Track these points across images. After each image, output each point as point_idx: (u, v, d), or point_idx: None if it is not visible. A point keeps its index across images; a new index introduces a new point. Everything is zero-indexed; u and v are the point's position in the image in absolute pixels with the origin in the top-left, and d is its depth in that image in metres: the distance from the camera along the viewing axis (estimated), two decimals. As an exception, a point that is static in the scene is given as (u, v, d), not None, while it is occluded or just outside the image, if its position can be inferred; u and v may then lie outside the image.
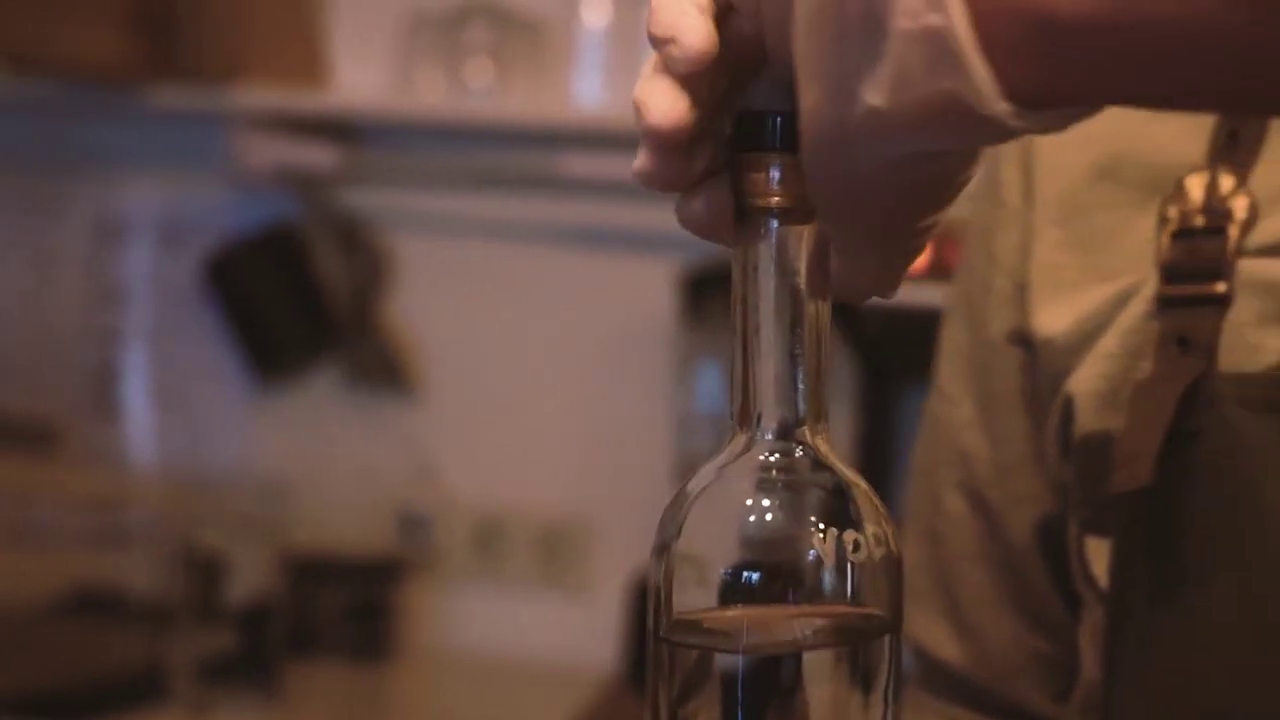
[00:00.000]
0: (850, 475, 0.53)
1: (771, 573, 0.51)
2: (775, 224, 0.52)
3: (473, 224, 2.38)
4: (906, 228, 0.51)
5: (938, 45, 0.46)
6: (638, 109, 0.52)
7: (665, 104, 0.51)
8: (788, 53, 0.50)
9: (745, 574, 0.51)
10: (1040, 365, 0.70)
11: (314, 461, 2.42)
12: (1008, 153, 0.73)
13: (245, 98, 2.26)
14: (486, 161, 2.33)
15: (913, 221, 0.51)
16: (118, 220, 2.52)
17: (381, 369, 2.40)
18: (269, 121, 2.30)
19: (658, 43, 0.52)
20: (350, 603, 2.33)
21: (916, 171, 0.49)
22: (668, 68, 0.52)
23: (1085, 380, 0.68)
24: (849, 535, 0.51)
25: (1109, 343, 0.67)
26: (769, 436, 0.52)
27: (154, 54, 2.30)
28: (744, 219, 0.53)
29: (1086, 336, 0.68)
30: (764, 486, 0.52)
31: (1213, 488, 0.63)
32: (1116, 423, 0.65)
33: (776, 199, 0.52)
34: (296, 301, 2.39)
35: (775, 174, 0.52)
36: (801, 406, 0.53)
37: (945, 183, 0.49)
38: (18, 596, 2.36)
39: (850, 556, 0.51)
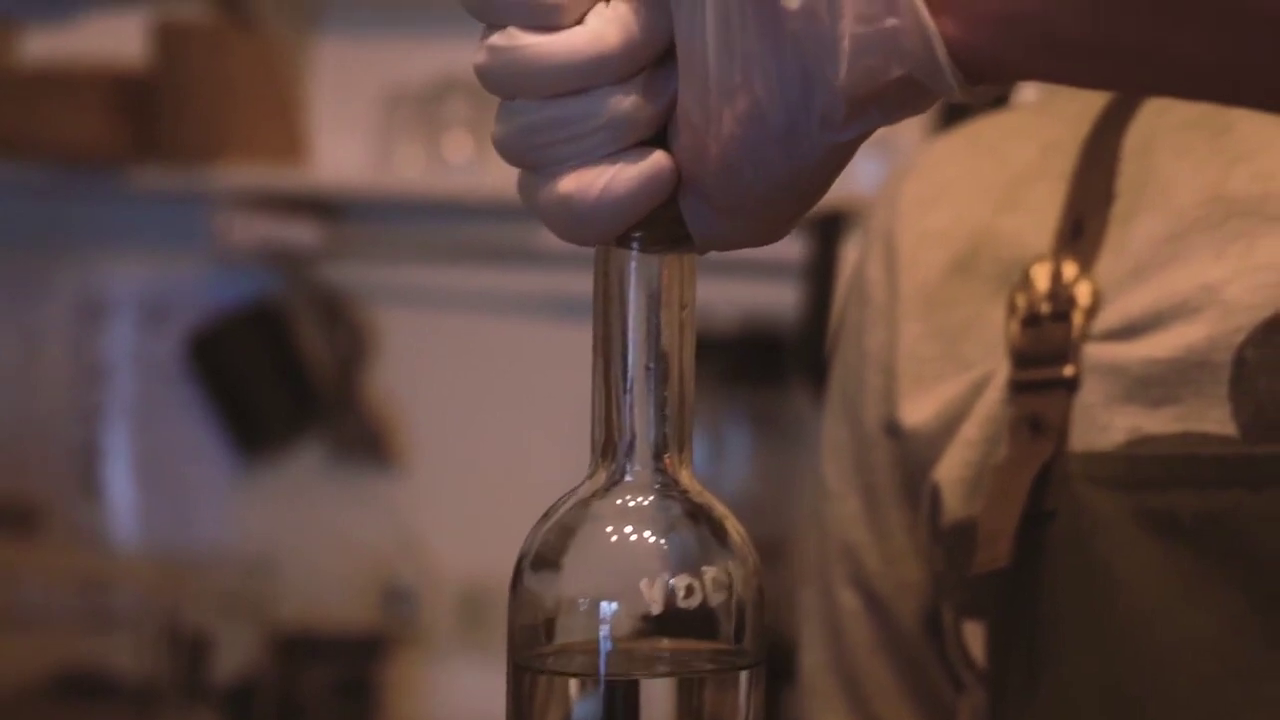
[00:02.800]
0: (710, 509, 0.52)
1: (626, 606, 0.51)
2: (637, 249, 0.52)
3: (454, 297, 2.41)
4: (818, 198, 0.53)
5: (899, 42, 0.48)
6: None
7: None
8: (696, 62, 0.50)
9: (602, 605, 0.51)
10: (908, 455, 0.73)
11: (298, 536, 2.44)
12: (873, 251, 0.77)
13: (227, 177, 2.30)
14: (466, 235, 2.36)
15: (825, 190, 0.53)
16: (101, 299, 2.55)
17: (365, 442, 2.42)
18: (251, 200, 2.34)
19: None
20: (337, 679, 2.35)
21: (851, 148, 0.51)
22: None
23: (949, 468, 0.70)
24: (703, 572, 0.51)
25: (969, 430, 0.70)
26: (632, 469, 0.52)
27: (137, 135, 2.34)
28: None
29: (948, 425, 0.71)
30: (622, 520, 0.52)
31: (1068, 565, 0.65)
32: (979, 507, 0.68)
33: (640, 226, 0.51)
34: (279, 377, 2.42)
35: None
36: (665, 438, 0.52)
37: (853, 152, 0.52)
38: (2, 679, 2.36)
39: (708, 595, 0.51)
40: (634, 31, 0.49)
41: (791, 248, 2.03)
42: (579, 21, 0.49)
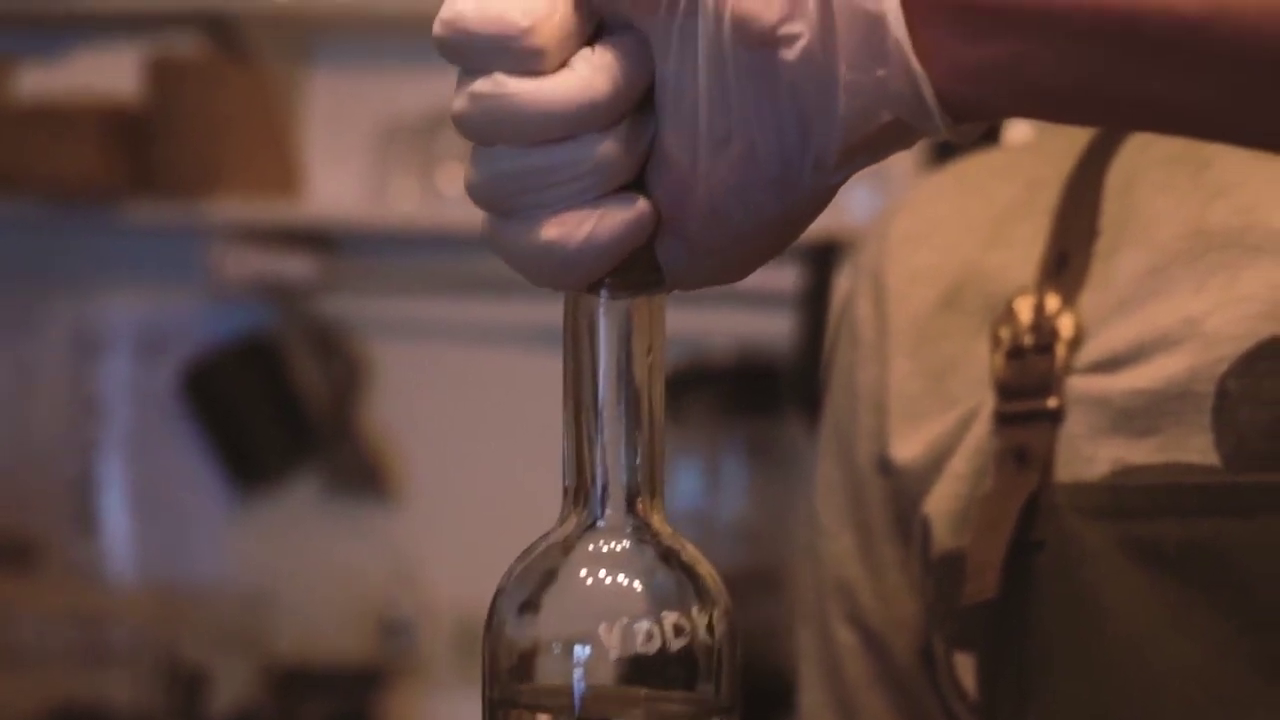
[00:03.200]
0: (681, 552, 0.53)
1: (598, 650, 0.51)
2: (607, 295, 0.52)
3: (448, 329, 2.42)
4: (798, 237, 0.54)
5: (890, 90, 0.49)
6: None
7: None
8: (686, 107, 0.50)
9: (575, 649, 0.52)
10: (900, 492, 0.74)
11: (294, 569, 2.44)
12: (862, 289, 0.78)
13: (221, 210, 2.31)
14: (461, 267, 2.37)
15: (805, 229, 0.54)
16: (96, 333, 2.56)
17: (360, 474, 2.42)
18: (245, 233, 2.35)
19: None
20: (334, 711, 2.34)
21: (836, 188, 0.53)
22: None
23: (938, 501, 0.71)
24: (675, 616, 0.51)
25: (957, 464, 0.71)
26: (604, 513, 0.53)
27: (131, 170, 2.35)
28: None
29: (937, 461, 0.72)
30: (595, 565, 0.52)
31: (1056, 595, 0.66)
32: (967, 539, 0.69)
33: (614, 275, 0.51)
34: (275, 409, 2.43)
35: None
36: (637, 482, 0.53)
37: (834, 193, 0.54)
38: (0, 715, 2.36)
39: (672, 642, 0.51)
40: (620, 79, 0.50)
41: (785, 277, 2.04)
42: (562, 66, 0.49)
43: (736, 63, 0.49)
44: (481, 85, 0.49)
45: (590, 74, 0.49)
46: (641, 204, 0.51)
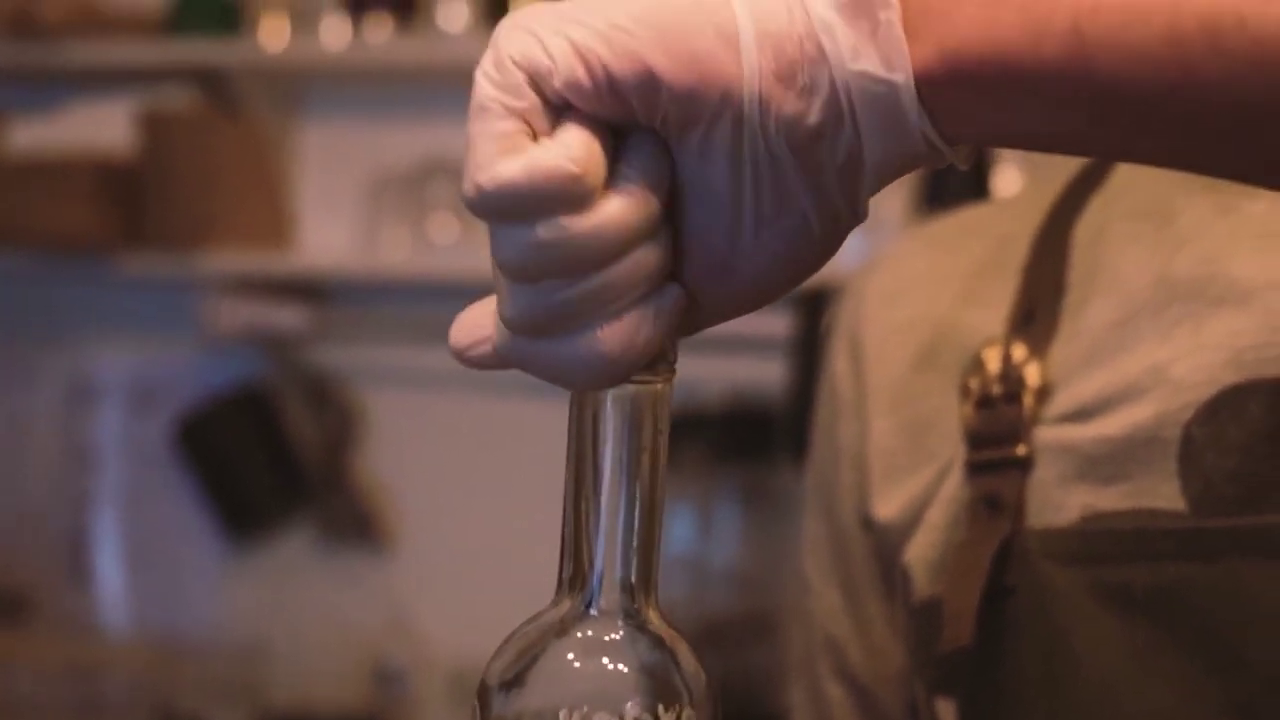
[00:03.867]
0: (674, 645, 0.53)
1: None
2: (618, 396, 0.52)
3: (441, 378, 2.43)
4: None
5: (907, 147, 0.53)
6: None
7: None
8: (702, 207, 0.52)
9: None
10: (882, 547, 0.76)
11: (289, 619, 2.44)
12: (840, 348, 0.80)
13: (214, 262, 2.32)
14: (453, 315, 2.36)
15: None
16: (89, 385, 2.56)
17: (354, 524, 2.43)
18: (237, 284, 2.36)
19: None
20: (329, 761, 2.33)
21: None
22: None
23: (916, 550, 0.73)
24: (630, 712, 0.52)
25: (934, 514, 0.73)
26: (598, 602, 0.53)
27: (124, 222, 2.37)
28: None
29: (916, 514, 0.74)
30: (586, 653, 0.53)
31: (1029, 640, 0.67)
32: (943, 587, 0.71)
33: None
34: (268, 459, 2.43)
35: None
36: (632, 573, 0.53)
37: None
38: (-6, 769, 2.35)
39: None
40: (657, 187, 0.51)
41: (777, 324, 2.04)
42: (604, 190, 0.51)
43: (784, 159, 0.51)
44: (545, 233, 0.50)
45: (638, 192, 0.51)
46: (678, 291, 0.52)
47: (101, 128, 2.43)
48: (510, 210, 0.50)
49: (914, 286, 0.77)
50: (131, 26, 2.42)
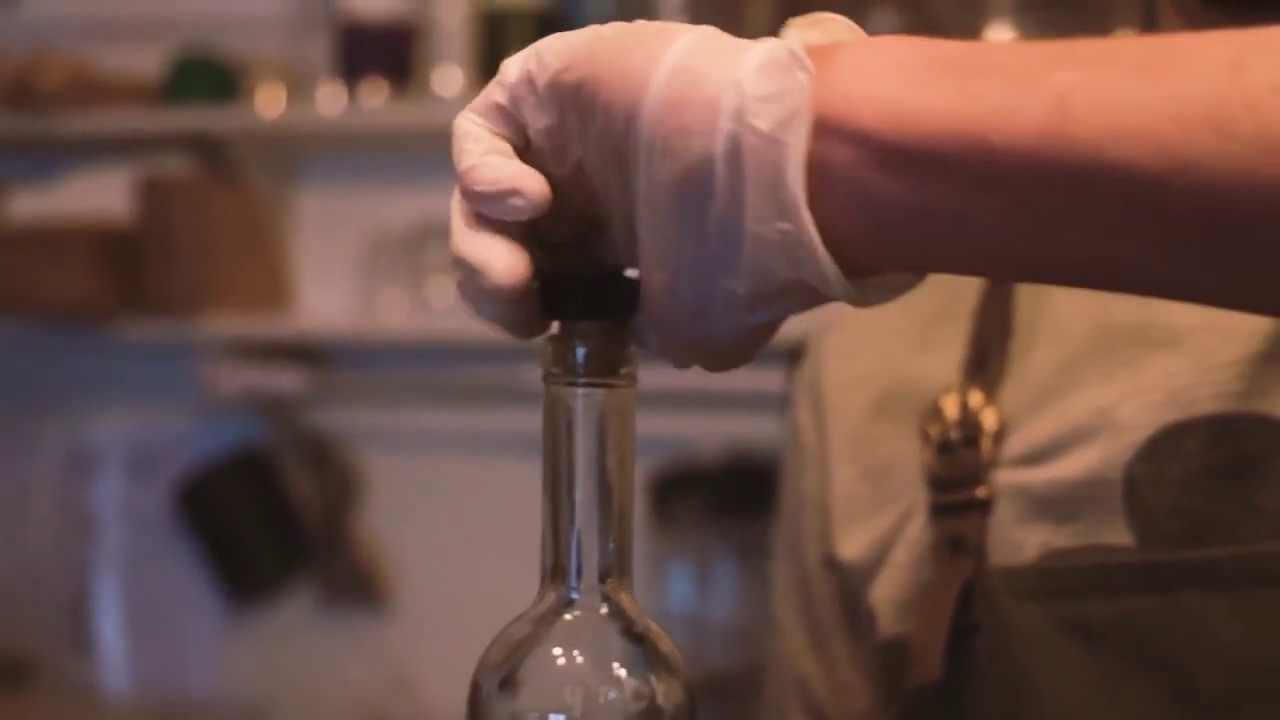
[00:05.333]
0: (646, 628, 0.58)
1: (569, 715, 0.56)
2: (583, 397, 0.57)
3: (440, 439, 2.43)
4: (746, 359, 0.59)
5: (790, 247, 0.51)
6: (477, 268, 0.56)
7: (508, 260, 0.55)
8: (624, 227, 0.55)
9: (549, 716, 0.56)
10: (846, 587, 0.79)
11: (291, 681, 2.44)
12: (802, 401, 0.83)
13: (212, 327, 2.34)
14: (451, 377, 2.39)
15: (752, 355, 0.59)
16: (89, 452, 2.57)
17: (355, 585, 2.43)
18: (236, 349, 2.36)
19: (490, 198, 0.55)
20: (332, 824, 2.32)
21: (763, 330, 0.57)
22: (499, 220, 0.56)
23: (881, 590, 0.76)
24: (629, 686, 0.56)
25: (898, 555, 0.76)
26: (578, 592, 0.58)
27: (123, 289, 2.38)
28: (554, 383, 0.58)
29: (880, 554, 0.77)
30: (569, 640, 0.57)
31: (994, 676, 0.69)
32: (910, 625, 0.74)
33: (586, 372, 0.57)
34: (268, 523, 2.44)
35: (581, 351, 0.57)
36: (608, 563, 0.57)
37: (778, 325, 0.58)
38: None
39: (631, 705, 0.56)
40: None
41: (773, 379, 2.05)
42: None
43: (661, 192, 0.53)
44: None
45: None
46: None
47: (100, 196, 2.45)
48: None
49: (869, 340, 0.80)
50: (128, 95, 2.44)
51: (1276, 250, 0.48)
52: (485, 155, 0.56)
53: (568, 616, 0.57)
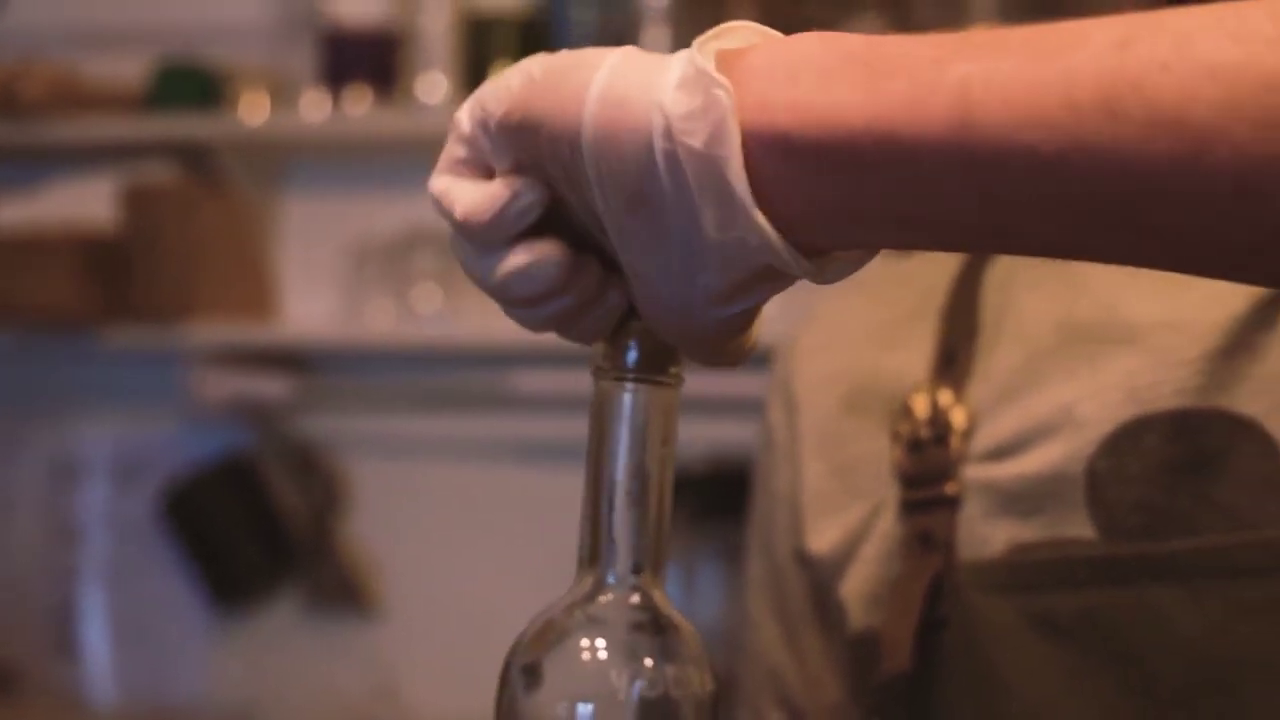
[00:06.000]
0: (675, 620, 0.60)
1: (607, 694, 0.58)
2: (631, 393, 0.59)
3: (426, 445, 2.43)
4: (737, 342, 0.61)
5: (752, 247, 0.54)
6: (521, 273, 0.58)
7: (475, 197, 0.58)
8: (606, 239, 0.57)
9: (582, 700, 0.58)
10: (816, 580, 0.81)
11: (278, 688, 2.43)
12: (774, 399, 0.85)
13: (197, 334, 2.33)
14: (437, 383, 2.39)
15: (741, 336, 0.61)
16: (73, 460, 2.56)
17: (341, 591, 2.43)
18: (222, 356, 2.36)
19: (497, 222, 0.57)
20: (319, 831, 2.32)
21: (744, 315, 0.59)
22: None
23: (852, 584, 0.77)
24: (669, 671, 0.58)
25: (868, 550, 0.76)
26: (610, 581, 0.59)
27: (108, 297, 2.38)
28: (603, 378, 0.59)
29: (850, 548, 0.78)
30: (601, 627, 0.59)
31: (961, 668, 0.71)
32: (880, 619, 0.75)
33: (634, 372, 0.59)
34: (254, 529, 2.44)
35: (633, 354, 0.59)
36: (644, 556, 0.59)
37: (759, 309, 0.61)
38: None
39: (673, 690, 0.58)
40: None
41: (755, 385, 2.06)
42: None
43: (621, 219, 0.55)
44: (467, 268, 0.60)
45: (540, 249, 0.58)
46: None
47: (85, 204, 2.44)
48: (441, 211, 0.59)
49: (839, 338, 0.82)
50: (112, 102, 2.44)
51: (1176, 218, 0.50)
52: (472, 197, 0.57)
53: (600, 604, 0.59)
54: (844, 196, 0.52)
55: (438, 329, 2.33)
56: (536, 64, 0.56)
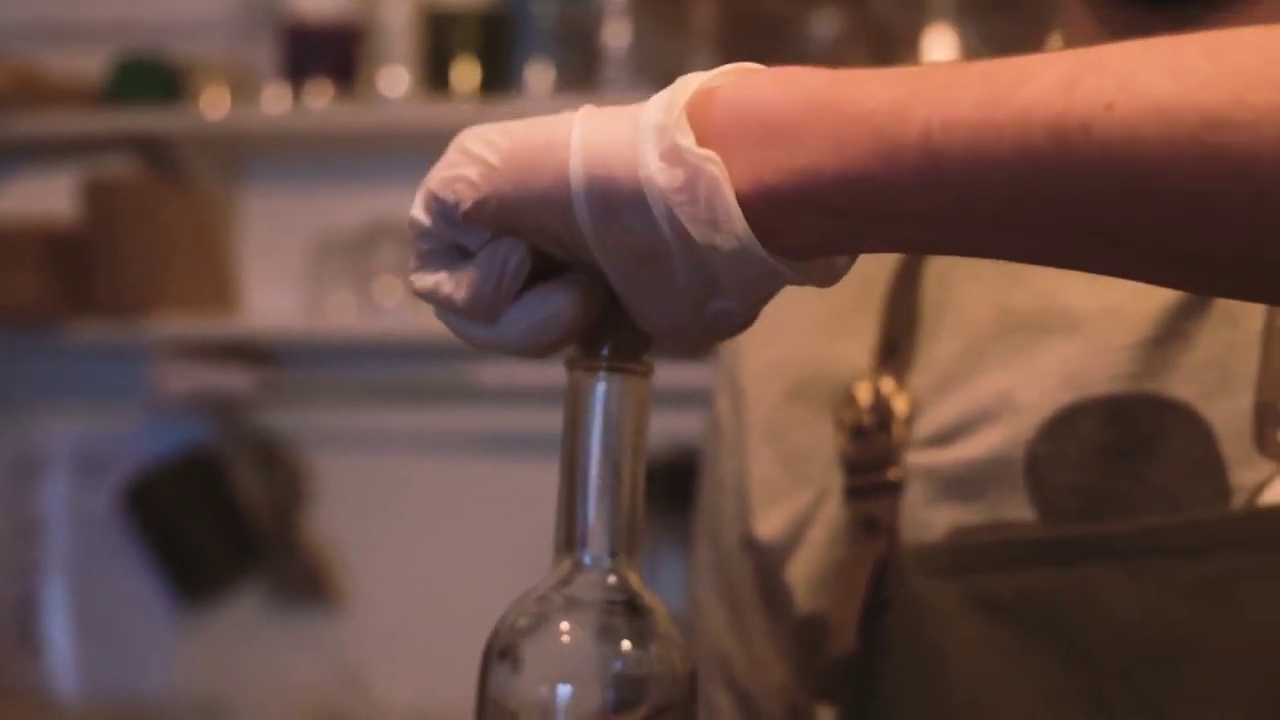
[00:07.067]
0: (651, 603, 0.61)
1: (580, 685, 0.59)
2: (605, 382, 0.61)
3: (389, 438, 2.44)
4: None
5: (764, 278, 0.57)
6: (544, 325, 0.60)
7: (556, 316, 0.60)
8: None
9: (559, 687, 0.59)
10: (763, 565, 0.83)
11: (242, 680, 2.44)
12: (720, 389, 0.87)
13: (159, 328, 2.33)
14: (400, 377, 2.39)
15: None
16: (35, 454, 2.56)
17: (305, 583, 2.43)
18: (185, 350, 2.35)
19: (495, 292, 0.59)
20: (284, 824, 2.32)
21: (746, 320, 0.63)
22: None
23: (798, 569, 0.79)
24: (644, 652, 0.59)
25: (814, 535, 0.79)
26: (589, 564, 0.61)
27: (70, 291, 2.38)
28: (577, 368, 0.61)
29: (796, 533, 0.80)
30: (578, 610, 0.60)
31: (905, 650, 0.73)
32: (826, 603, 0.77)
33: (607, 362, 0.61)
34: (218, 522, 2.44)
35: (606, 345, 0.61)
36: (619, 540, 0.61)
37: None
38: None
39: (654, 667, 0.59)
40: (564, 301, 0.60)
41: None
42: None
43: (628, 273, 0.58)
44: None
45: (535, 308, 0.60)
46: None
47: (46, 198, 2.44)
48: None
49: (784, 329, 0.83)
50: (72, 96, 2.43)
51: (1132, 235, 0.53)
52: (467, 279, 0.59)
53: (577, 588, 0.60)
54: (830, 231, 0.56)
55: (400, 322, 2.33)
56: (487, 148, 0.58)
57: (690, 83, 0.57)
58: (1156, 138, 0.50)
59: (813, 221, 0.56)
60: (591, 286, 0.59)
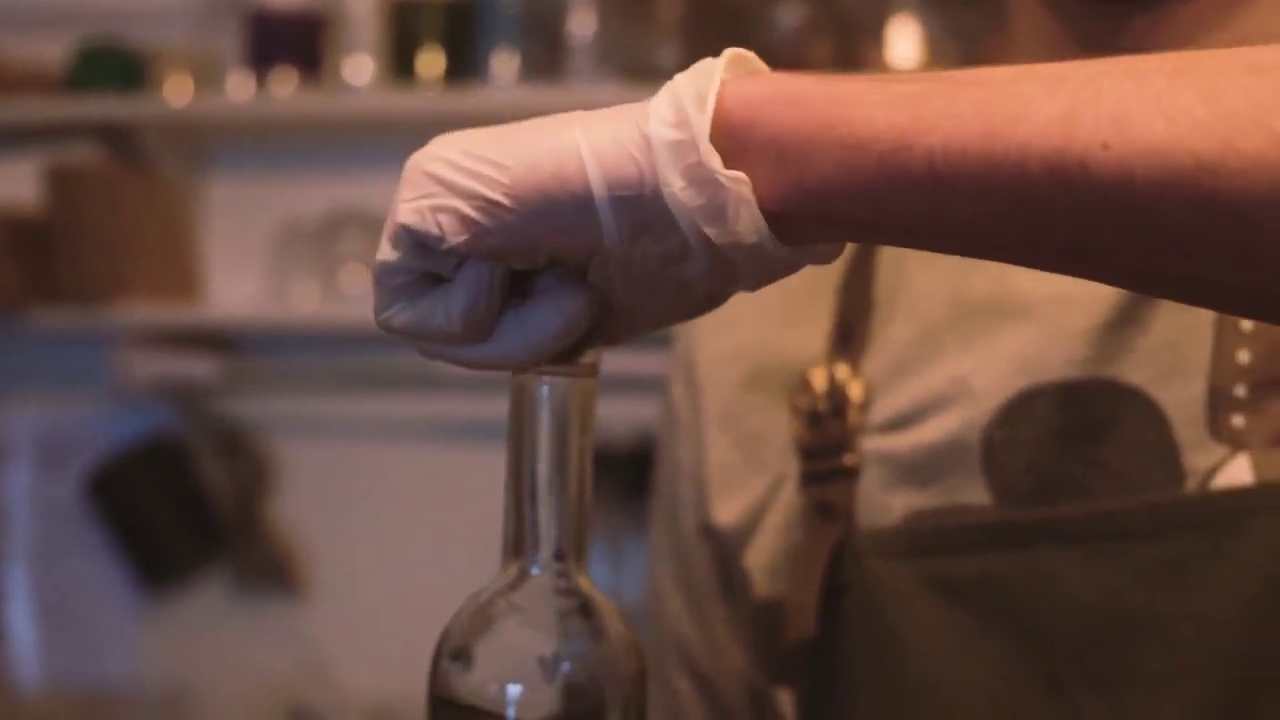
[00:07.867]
0: (600, 604, 0.61)
1: (529, 687, 0.60)
2: (548, 385, 0.61)
3: (353, 425, 2.43)
4: None
5: (777, 267, 0.59)
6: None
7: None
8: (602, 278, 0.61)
9: (509, 687, 0.60)
10: (721, 551, 0.83)
11: (206, 668, 2.43)
12: (676, 376, 0.88)
13: (123, 315, 2.33)
14: (364, 365, 2.38)
15: None
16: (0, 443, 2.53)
17: (269, 572, 2.43)
18: (148, 337, 2.35)
19: (478, 321, 0.59)
20: (248, 811, 2.32)
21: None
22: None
23: (755, 554, 0.79)
24: (592, 653, 0.60)
25: (771, 521, 0.79)
26: (535, 568, 0.61)
27: (33, 279, 2.36)
28: (520, 371, 0.61)
29: (753, 519, 0.80)
30: (526, 612, 0.61)
31: (863, 633, 0.74)
32: (784, 587, 0.77)
33: (550, 365, 0.60)
34: (182, 510, 2.43)
35: None
36: (567, 543, 0.61)
37: None
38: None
39: (597, 669, 0.60)
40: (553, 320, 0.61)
41: (681, 364, 2.07)
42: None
43: (650, 275, 0.60)
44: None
45: (522, 328, 0.60)
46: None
47: (8, 185, 2.42)
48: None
49: (739, 316, 0.84)
50: (34, 83, 2.42)
51: (1121, 256, 0.55)
52: (455, 304, 0.59)
53: (526, 591, 0.61)
54: (836, 235, 0.59)
55: (364, 310, 2.32)
56: (467, 177, 0.57)
57: (686, 88, 0.57)
58: (1150, 179, 0.52)
59: (821, 230, 0.58)
60: (590, 285, 0.60)
